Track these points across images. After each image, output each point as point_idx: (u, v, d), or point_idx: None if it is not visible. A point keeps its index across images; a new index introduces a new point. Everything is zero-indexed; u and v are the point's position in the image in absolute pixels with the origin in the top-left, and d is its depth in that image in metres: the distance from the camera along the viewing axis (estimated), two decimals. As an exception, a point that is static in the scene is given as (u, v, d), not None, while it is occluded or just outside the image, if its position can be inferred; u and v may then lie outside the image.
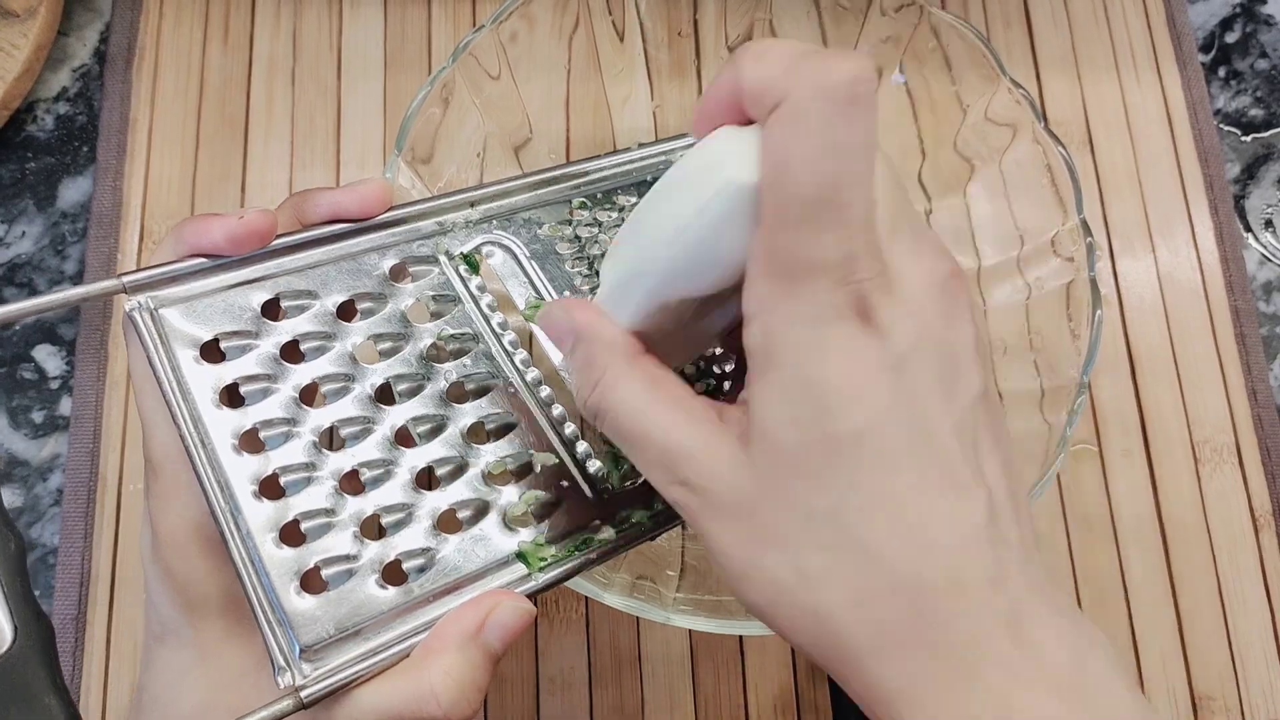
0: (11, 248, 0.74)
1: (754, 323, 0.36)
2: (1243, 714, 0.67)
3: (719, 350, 0.54)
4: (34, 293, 0.73)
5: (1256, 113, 0.80)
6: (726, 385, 0.54)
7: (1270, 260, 0.77)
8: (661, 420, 0.38)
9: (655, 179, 0.56)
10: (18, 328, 0.72)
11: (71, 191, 0.75)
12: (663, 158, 0.57)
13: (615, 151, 0.56)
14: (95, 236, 0.74)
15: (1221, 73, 0.81)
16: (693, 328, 0.42)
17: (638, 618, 0.66)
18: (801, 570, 0.35)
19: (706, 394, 0.52)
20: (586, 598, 0.58)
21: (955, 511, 0.35)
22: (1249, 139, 0.80)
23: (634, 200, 0.56)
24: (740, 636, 0.68)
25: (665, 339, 0.41)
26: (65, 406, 0.71)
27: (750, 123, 0.37)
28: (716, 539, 0.37)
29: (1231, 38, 0.82)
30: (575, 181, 0.55)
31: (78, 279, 0.73)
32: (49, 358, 0.72)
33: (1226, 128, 0.80)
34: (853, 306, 0.34)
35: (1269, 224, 0.78)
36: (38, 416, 0.71)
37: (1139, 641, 0.68)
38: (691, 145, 0.59)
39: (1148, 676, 0.67)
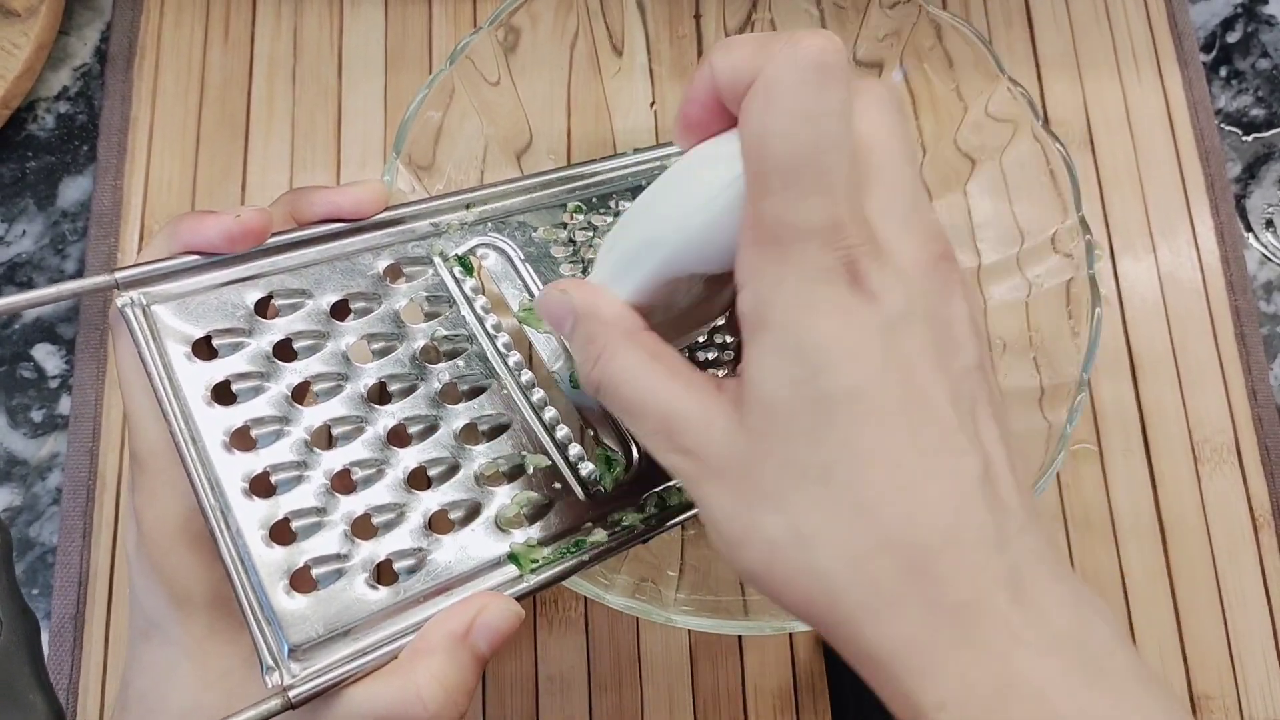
0: (12, 246, 0.74)
1: (745, 289, 0.36)
2: (1241, 714, 0.67)
3: (721, 321, 0.54)
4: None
5: (1258, 112, 0.80)
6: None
7: (1271, 260, 0.77)
8: (660, 390, 0.38)
9: (650, 184, 0.56)
10: (16, 326, 0.72)
11: (72, 190, 0.76)
12: (658, 163, 0.57)
13: (610, 156, 0.56)
14: (95, 236, 0.74)
15: (1223, 72, 0.81)
16: (693, 310, 0.43)
17: (637, 618, 0.66)
18: (797, 529, 0.35)
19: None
20: (585, 597, 0.58)
21: (951, 471, 0.34)
22: (1250, 139, 0.79)
23: (628, 204, 0.56)
24: (740, 636, 0.68)
25: (666, 318, 0.42)
26: (64, 405, 0.71)
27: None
28: (713, 504, 0.37)
29: (1233, 37, 0.82)
30: (570, 185, 0.55)
31: (78, 278, 0.73)
32: (48, 357, 0.72)
33: (1228, 127, 0.80)
34: (842, 269, 0.34)
35: (1270, 224, 0.77)
36: (37, 415, 0.71)
37: (1138, 641, 0.68)
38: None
39: (1146, 677, 0.67)
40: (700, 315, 0.45)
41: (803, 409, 0.35)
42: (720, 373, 0.55)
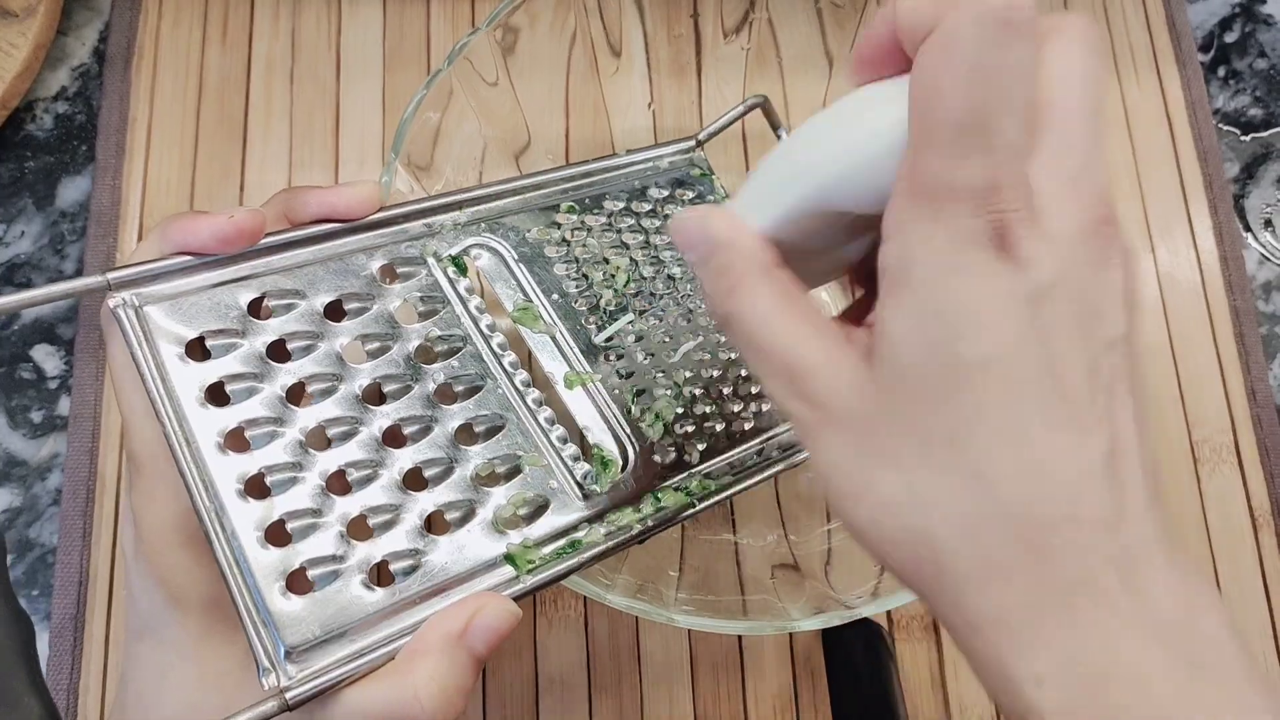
0: (10, 247, 0.74)
1: (891, 241, 0.35)
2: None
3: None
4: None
5: (1256, 112, 0.80)
6: (732, 408, 0.54)
7: (1269, 260, 0.77)
8: (789, 333, 0.37)
9: (643, 185, 0.56)
10: (16, 327, 0.72)
11: (70, 191, 0.76)
12: (651, 164, 0.57)
13: (603, 157, 0.56)
14: (94, 236, 0.74)
15: (1221, 72, 0.81)
16: (827, 253, 0.42)
17: (637, 618, 0.66)
18: (913, 490, 0.35)
19: (711, 416, 0.53)
20: (585, 597, 0.58)
21: (1076, 448, 0.34)
22: (1248, 138, 0.79)
23: (622, 205, 0.56)
24: (740, 637, 0.68)
25: (802, 258, 0.40)
26: (64, 406, 0.71)
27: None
28: (828, 455, 0.37)
29: (1231, 37, 0.82)
30: (564, 186, 0.55)
31: (74, 278, 0.73)
32: (47, 357, 0.72)
33: (1226, 127, 0.80)
34: (992, 235, 0.33)
35: (1268, 223, 0.77)
36: (36, 416, 0.71)
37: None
38: (693, 147, 0.59)
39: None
40: (833, 261, 0.43)
41: (935, 372, 0.34)
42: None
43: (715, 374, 0.54)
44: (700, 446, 0.53)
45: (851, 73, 0.39)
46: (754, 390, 0.55)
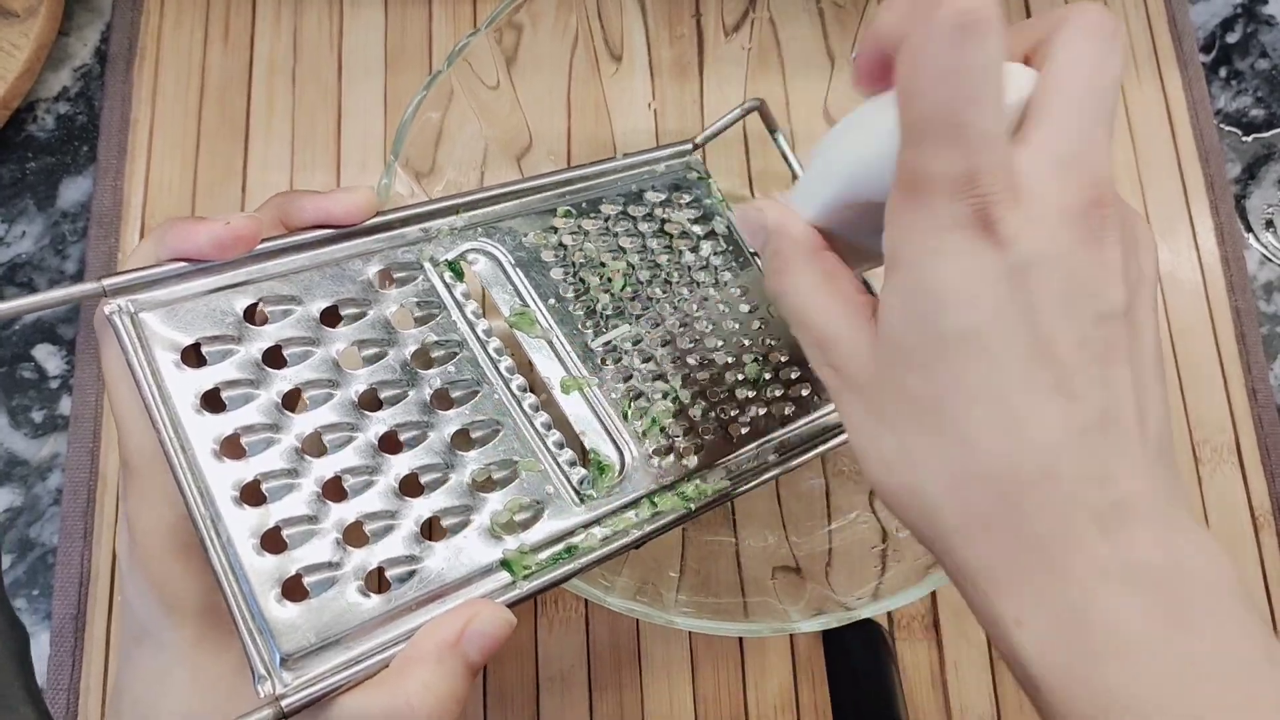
0: (12, 247, 0.74)
1: (886, 229, 0.39)
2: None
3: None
4: (34, 293, 0.73)
5: (1257, 113, 0.80)
6: (804, 391, 0.56)
7: (1271, 260, 0.76)
8: (825, 308, 0.41)
9: (640, 189, 0.56)
10: (17, 327, 0.73)
11: (72, 191, 0.76)
12: (647, 168, 0.57)
13: (600, 161, 0.56)
14: (95, 236, 0.74)
15: (1222, 73, 0.81)
16: (875, 237, 0.44)
17: (637, 619, 0.66)
18: (906, 451, 0.39)
19: (708, 421, 0.54)
20: (586, 598, 0.58)
21: (1061, 414, 0.36)
22: (1250, 139, 0.79)
23: (619, 209, 0.56)
24: (740, 638, 0.68)
25: (851, 244, 0.44)
26: (65, 406, 0.71)
27: None
28: (848, 416, 0.41)
29: (1232, 38, 0.82)
30: (560, 190, 0.55)
31: (78, 279, 0.73)
32: (49, 357, 0.72)
33: (1227, 128, 0.79)
34: (973, 218, 0.36)
35: (1270, 224, 0.77)
36: (37, 416, 0.71)
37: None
38: (690, 150, 0.59)
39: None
40: (876, 247, 0.46)
41: (920, 345, 0.37)
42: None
43: (712, 378, 0.54)
44: (697, 451, 0.53)
45: (855, 85, 0.43)
46: (750, 395, 0.55)
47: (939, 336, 0.37)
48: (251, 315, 0.45)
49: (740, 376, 0.55)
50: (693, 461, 0.52)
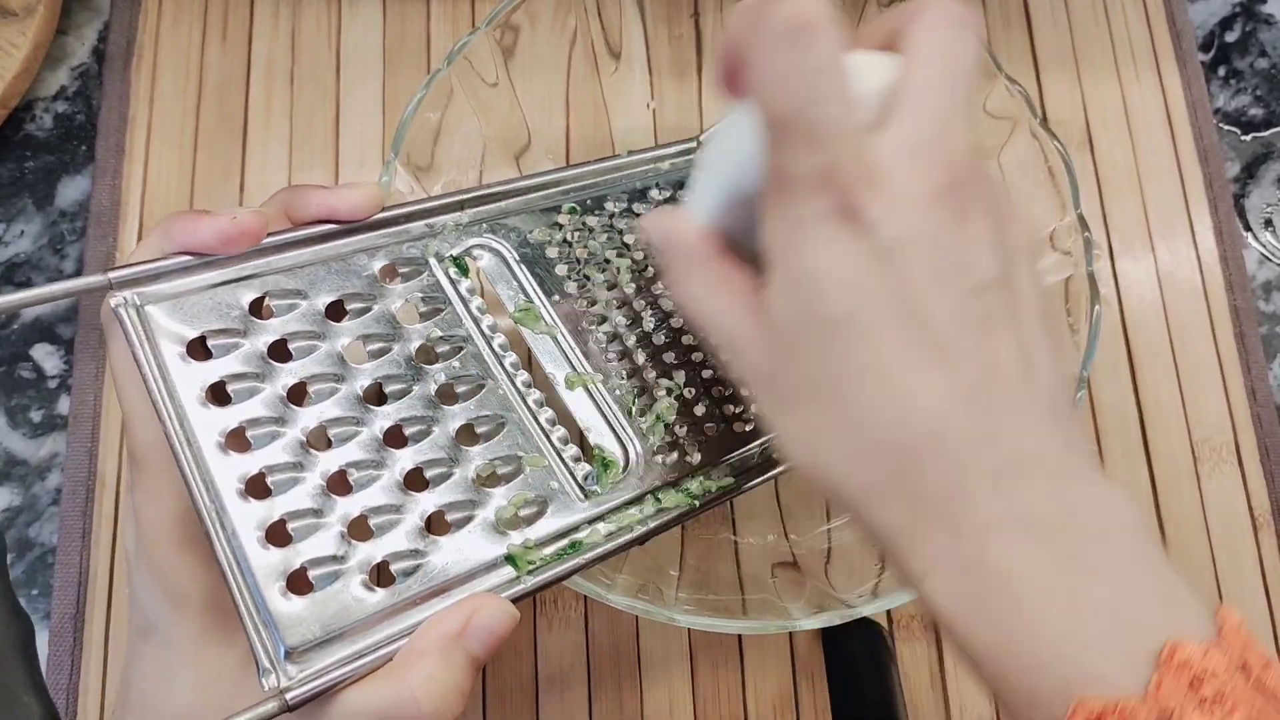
0: (10, 246, 0.74)
1: (762, 226, 0.40)
2: (1240, 714, 0.67)
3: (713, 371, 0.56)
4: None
5: (1256, 112, 0.80)
6: (732, 409, 0.55)
7: (1270, 259, 0.76)
8: (720, 309, 0.43)
9: (644, 185, 0.57)
10: (15, 326, 0.72)
11: (70, 190, 0.76)
12: (651, 165, 0.57)
13: (604, 158, 0.56)
14: (94, 235, 0.74)
15: (1221, 72, 0.81)
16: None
17: (637, 617, 0.66)
18: (809, 431, 0.40)
19: (712, 417, 0.54)
20: (586, 597, 0.58)
21: (945, 381, 0.38)
22: (1249, 138, 0.79)
23: (623, 206, 0.57)
24: (740, 636, 0.68)
25: (746, 241, 0.44)
26: (63, 405, 0.71)
27: None
28: (759, 404, 0.42)
29: (1231, 37, 0.82)
30: (565, 187, 0.55)
31: (76, 278, 0.73)
32: (47, 357, 0.72)
33: (1226, 127, 0.80)
34: (836, 208, 0.37)
35: (1269, 223, 0.77)
36: (36, 416, 0.71)
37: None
38: (694, 147, 0.59)
39: (1145, 677, 0.67)
40: None
41: (804, 333, 0.39)
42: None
43: (716, 375, 0.54)
44: (701, 447, 0.53)
45: (718, 92, 0.45)
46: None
47: (821, 323, 0.39)
48: (257, 309, 0.45)
49: None
50: (697, 458, 0.52)
